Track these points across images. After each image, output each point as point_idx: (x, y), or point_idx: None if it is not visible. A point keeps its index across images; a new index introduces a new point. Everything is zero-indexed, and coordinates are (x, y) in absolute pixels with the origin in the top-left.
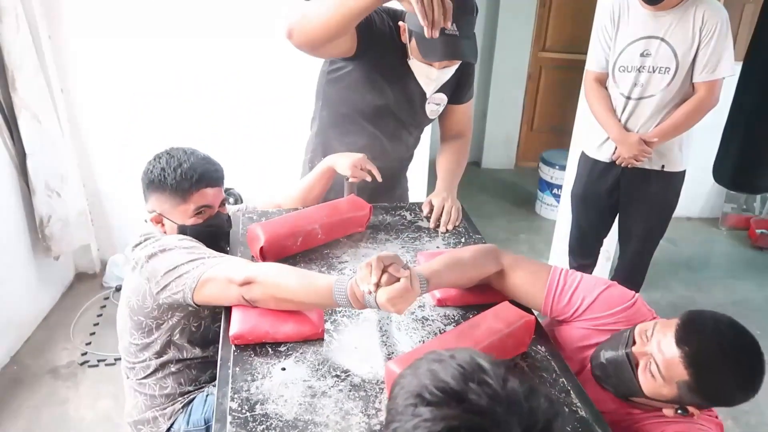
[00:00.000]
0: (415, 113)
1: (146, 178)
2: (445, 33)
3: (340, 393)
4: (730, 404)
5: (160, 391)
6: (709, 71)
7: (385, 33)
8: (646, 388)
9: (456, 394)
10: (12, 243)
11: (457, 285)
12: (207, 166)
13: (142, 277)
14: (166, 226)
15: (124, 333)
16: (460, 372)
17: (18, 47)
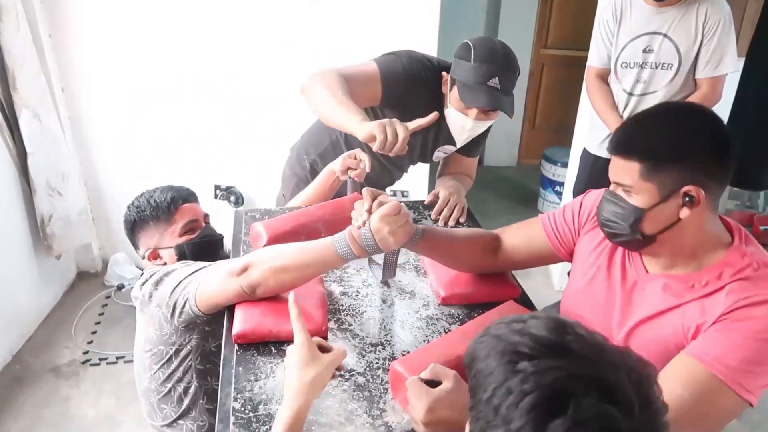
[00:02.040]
0: (424, 158)
1: (128, 225)
2: (488, 84)
3: (344, 393)
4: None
5: (198, 430)
6: (711, 67)
7: (419, 81)
8: (648, 222)
9: (557, 345)
10: (13, 242)
11: (452, 254)
12: (175, 187)
13: (153, 305)
14: (165, 257)
15: (143, 372)
16: (551, 326)
17: (18, 46)
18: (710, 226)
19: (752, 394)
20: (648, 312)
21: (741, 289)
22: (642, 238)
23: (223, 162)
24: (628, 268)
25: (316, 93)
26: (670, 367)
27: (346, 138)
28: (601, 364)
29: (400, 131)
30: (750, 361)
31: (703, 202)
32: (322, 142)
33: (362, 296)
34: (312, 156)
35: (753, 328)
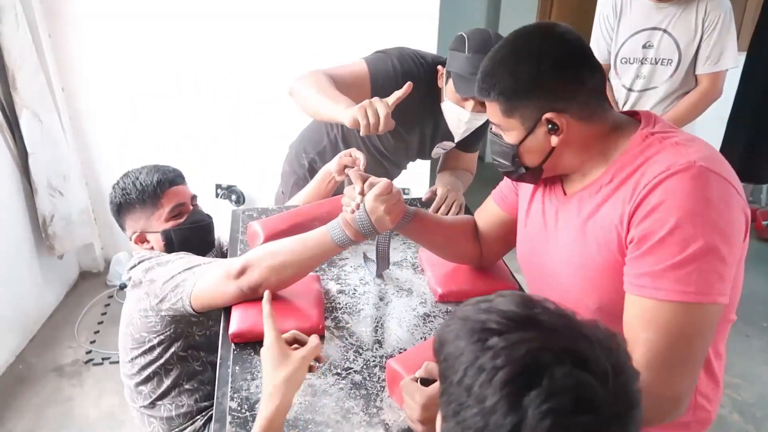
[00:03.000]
0: (422, 154)
1: (114, 207)
2: None
3: (341, 391)
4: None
5: (176, 410)
6: (712, 63)
7: (411, 78)
8: (525, 155)
9: (526, 318)
10: (15, 242)
11: (439, 237)
12: (161, 169)
13: (141, 291)
14: (152, 241)
15: (124, 355)
16: (518, 301)
17: (18, 46)
18: (599, 139)
19: (720, 295)
20: (573, 235)
21: (646, 173)
22: (528, 170)
23: (223, 161)
24: (547, 201)
25: (303, 92)
26: (626, 313)
27: (344, 137)
28: (572, 335)
29: (381, 109)
30: (681, 262)
31: (569, 126)
32: (320, 142)
33: (359, 294)
34: (311, 155)
35: (674, 221)
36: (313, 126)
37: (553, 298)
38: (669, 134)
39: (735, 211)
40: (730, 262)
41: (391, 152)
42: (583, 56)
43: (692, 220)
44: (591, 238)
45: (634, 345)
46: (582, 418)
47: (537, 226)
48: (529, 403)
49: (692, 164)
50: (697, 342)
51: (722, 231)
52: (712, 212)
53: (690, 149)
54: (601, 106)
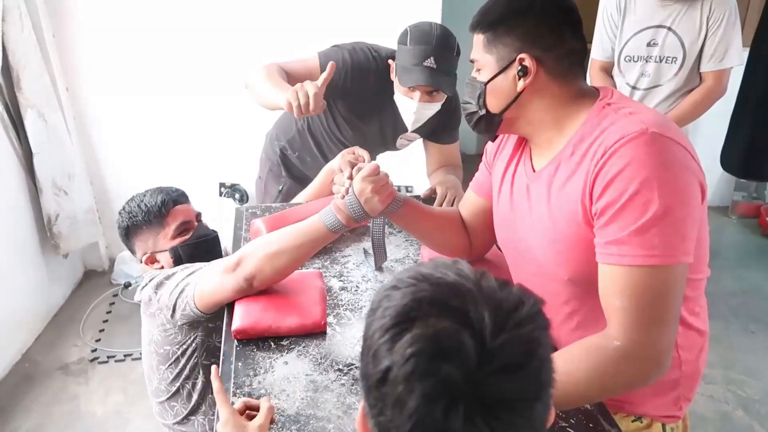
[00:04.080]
0: (385, 147)
1: (122, 232)
2: (423, 65)
3: (342, 387)
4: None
5: (209, 424)
6: (716, 61)
7: (363, 70)
8: (490, 96)
9: (427, 276)
10: (21, 241)
11: (429, 227)
12: (164, 189)
13: (154, 308)
14: (162, 261)
15: (152, 374)
16: (436, 264)
17: (22, 46)
18: (562, 103)
19: (684, 254)
20: (542, 210)
21: (603, 143)
22: (488, 114)
23: (227, 160)
24: (517, 178)
25: (254, 83)
26: (600, 282)
27: (309, 126)
28: (459, 289)
29: (309, 89)
30: (642, 227)
31: (537, 73)
32: (290, 130)
33: (361, 291)
34: (282, 142)
35: (632, 188)
36: (285, 116)
37: (530, 273)
38: (622, 104)
39: (688, 173)
40: (690, 222)
41: (352, 143)
42: (571, 17)
43: (649, 184)
44: (559, 213)
45: (610, 312)
46: (445, 366)
47: (508, 204)
48: (399, 348)
49: (645, 131)
50: (668, 302)
51: (679, 192)
52: (667, 175)
53: (642, 116)
54: (573, 72)
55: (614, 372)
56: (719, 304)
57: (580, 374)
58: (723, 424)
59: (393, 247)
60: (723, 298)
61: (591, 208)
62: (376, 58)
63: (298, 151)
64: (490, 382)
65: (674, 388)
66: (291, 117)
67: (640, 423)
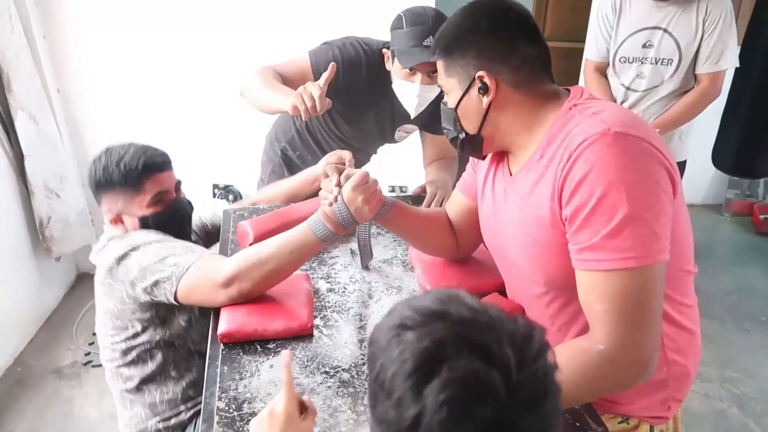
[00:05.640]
0: (384, 140)
1: (92, 182)
2: (423, 44)
3: (329, 390)
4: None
5: (160, 396)
6: (712, 62)
7: (356, 65)
8: (464, 120)
9: (438, 313)
10: (13, 244)
11: (418, 228)
12: (149, 152)
13: (114, 280)
14: (127, 224)
15: (105, 339)
16: (437, 297)
17: (13, 48)
18: (530, 110)
19: (660, 253)
20: (517, 214)
21: (567, 147)
22: (468, 136)
23: (220, 161)
24: (497, 181)
25: (251, 88)
26: (579, 288)
27: (308, 125)
28: (478, 326)
29: (314, 91)
30: (614, 231)
31: (498, 87)
32: (289, 130)
33: (349, 292)
34: (282, 143)
35: (599, 191)
36: (283, 117)
37: (511, 276)
38: (588, 105)
39: (655, 168)
40: (663, 219)
41: (351, 138)
42: (522, 24)
43: (616, 186)
44: (530, 217)
45: (592, 317)
46: (479, 407)
47: (490, 207)
48: (429, 393)
49: (607, 131)
50: (649, 303)
51: (647, 190)
52: (633, 175)
53: (604, 116)
54: (536, 78)
55: (600, 375)
56: (714, 302)
57: (566, 378)
58: (718, 422)
59: (381, 248)
60: (717, 296)
61: (561, 213)
62: (367, 51)
63: (298, 150)
64: (519, 416)
65: (662, 389)
66: (289, 118)
67: (627, 424)
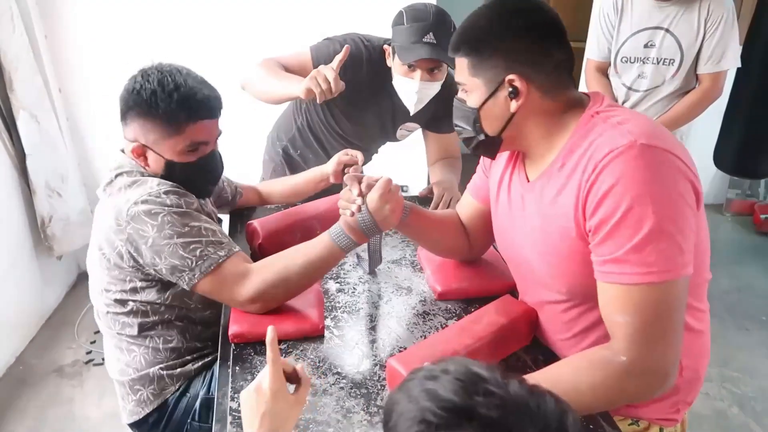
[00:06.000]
0: (386, 138)
1: (131, 99)
2: (423, 41)
3: (341, 391)
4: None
5: (164, 344)
6: (713, 63)
7: (356, 60)
8: (485, 121)
9: (463, 410)
10: (14, 243)
11: (432, 230)
12: (207, 92)
13: (119, 236)
14: (150, 161)
15: (98, 281)
16: (460, 386)
17: (14, 47)
18: (554, 116)
19: (684, 267)
20: (537, 223)
21: (592, 157)
22: (487, 138)
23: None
24: (513, 187)
25: (255, 79)
26: (600, 299)
27: (309, 123)
28: (508, 427)
29: (328, 74)
30: (639, 244)
31: (529, 92)
32: (290, 129)
33: (359, 293)
34: (283, 142)
35: (625, 204)
36: (284, 115)
37: (528, 284)
38: (611, 113)
39: (681, 182)
40: (687, 232)
41: (353, 137)
42: (554, 29)
43: (641, 200)
44: (553, 226)
45: (614, 328)
46: None
47: (506, 212)
48: None
49: (633, 143)
50: (672, 316)
51: (673, 204)
52: (659, 188)
53: (630, 126)
54: (564, 84)
55: (619, 386)
56: (714, 301)
57: (585, 387)
58: (719, 422)
59: (389, 249)
60: (718, 295)
61: (585, 225)
62: (368, 47)
63: (300, 149)
64: None
65: (674, 394)
66: (290, 116)
67: (637, 426)
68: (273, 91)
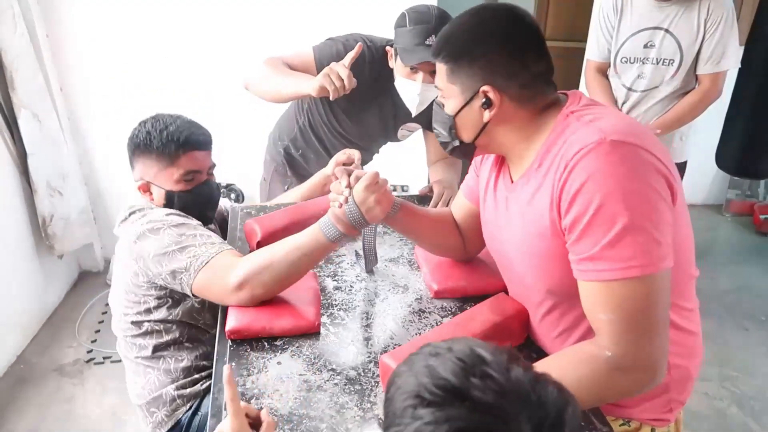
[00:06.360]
0: (387, 138)
1: (132, 144)
2: (425, 43)
3: (336, 387)
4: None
5: (175, 364)
6: (713, 63)
7: (359, 60)
8: (460, 128)
9: (458, 391)
10: (16, 242)
11: (425, 228)
12: (193, 129)
13: (130, 257)
14: (154, 194)
15: (118, 309)
16: (460, 366)
17: (16, 47)
18: (530, 121)
19: (663, 260)
20: (518, 223)
21: (564, 155)
22: (461, 144)
23: (222, 160)
24: (499, 188)
25: (261, 78)
26: (582, 298)
27: (311, 123)
28: (501, 416)
29: (342, 71)
30: (613, 240)
31: (502, 102)
32: (292, 129)
33: (355, 291)
34: (285, 142)
35: (596, 201)
36: (285, 115)
37: (515, 283)
38: (585, 112)
39: (653, 176)
40: (663, 226)
41: (354, 136)
42: (532, 41)
43: (612, 196)
44: (531, 226)
45: (597, 326)
46: None
47: (492, 214)
48: None
49: (603, 140)
50: (654, 311)
51: (645, 198)
52: (630, 183)
53: (601, 124)
54: (542, 94)
55: (607, 382)
56: (713, 301)
57: (572, 382)
58: (718, 421)
59: (387, 247)
60: (717, 295)
61: (560, 224)
62: (370, 48)
63: (301, 149)
64: None
65: (664, 392)
66: (291, 116)
67: (628, 426)
68: (281, 89)
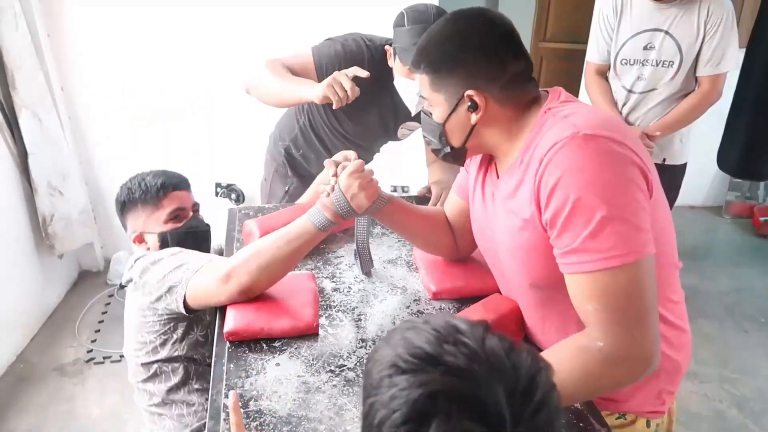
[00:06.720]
0: (387, 137)
1: (118, 205)
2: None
3: (334, 388)
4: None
5: (187, 409)
6: (713, 65)
7: (357, 60)
8: (450, 134)
9: (431, 358)
10: (16, 242)
11: (415, 225)
12: (168, 173)
13: (137, 293)
14: (149, 242)
15: (130, 355)
16: (434, 335)
17: (17, 46)
18: (514, 119)
19: (644, 246)
20: (502, 217)
21: (540, 151)
22: (453, 149)
23: (223, 160)
24: (486, 184)
25: (264, 82)
26: (569, 291)
27: (311, 123)
28: (473, 378)
29: (345, 82)
30: (594, 232)
31: (487, 104)
32: (293, 129)
33: (354, 292)
34: (286, 142)
35: (573, 195)
36: (286, 115)
37: (503, 281)
38: (561, 108)
39: (628, 167)
40: (641, 214)
41: (355, 136)
42: (507, 42)
43: (589, 189)
44: (514, 221)
45: (586, 318)
46: None
47: (480, 210)
48: None
49: (576, 134)
50: (641, 298)
51: (622, 188)
52: (605, 175)
53: (575, 119)
54: (523, 91)
55: (601, 373)
56: (713, 303)
57: (566, 375)
58: (717, 423)
59: (385, 248)
60: (717, 297)
61: (540, 218)
62: (369, 47)
63: (302, 149)
64: None
65: (654, 379)
66: (292, 117)
67: (624, 419)
68: (283, 95)
